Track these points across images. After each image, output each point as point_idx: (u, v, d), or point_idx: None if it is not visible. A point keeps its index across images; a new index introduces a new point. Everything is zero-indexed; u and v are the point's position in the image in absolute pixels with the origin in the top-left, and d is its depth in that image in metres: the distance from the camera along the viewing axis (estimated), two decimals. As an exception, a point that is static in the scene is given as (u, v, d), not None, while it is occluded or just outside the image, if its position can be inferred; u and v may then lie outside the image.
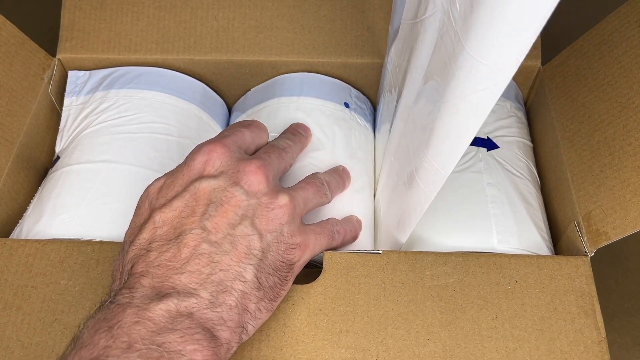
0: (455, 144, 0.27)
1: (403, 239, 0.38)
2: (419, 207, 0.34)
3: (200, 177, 0.33)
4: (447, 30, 0.26)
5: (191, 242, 0.31)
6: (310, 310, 0.35)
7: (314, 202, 0.38)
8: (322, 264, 0.37)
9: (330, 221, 0.39)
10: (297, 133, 0.43)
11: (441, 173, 0.30)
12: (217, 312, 0.30)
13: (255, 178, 0.34)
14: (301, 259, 0.35)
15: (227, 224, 0.32)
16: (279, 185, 0.36)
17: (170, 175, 0.35)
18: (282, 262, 0.33)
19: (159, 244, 0.32)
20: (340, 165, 0.44)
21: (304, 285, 0.36)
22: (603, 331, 0.34)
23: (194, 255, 0.31)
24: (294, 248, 0.34)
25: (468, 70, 0.24)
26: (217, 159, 0.34)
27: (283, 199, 0.34)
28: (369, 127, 0.50)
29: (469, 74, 0.24)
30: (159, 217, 0.33)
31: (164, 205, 0.33)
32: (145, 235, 0.32)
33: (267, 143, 0.40)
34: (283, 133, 0.43)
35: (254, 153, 0.38)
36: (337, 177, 0.42)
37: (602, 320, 0.35)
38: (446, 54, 0.27)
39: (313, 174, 0.40)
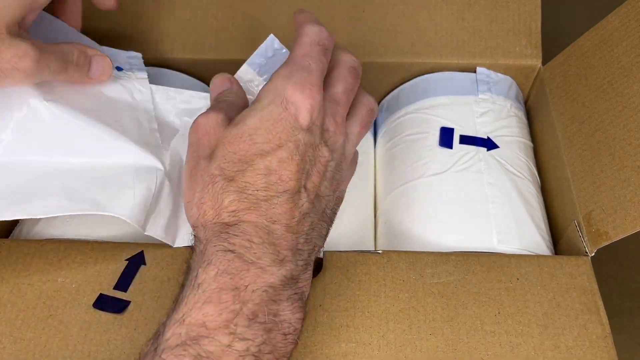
0: None
1: None
2: None
3: (302, 129, 0.31)
4: None
5: (300, 202, 0.31)
6: (310, 305, 0.35)
7: None
8: (322, 262, 0.37)
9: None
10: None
11: None
12: (307, 277, 0.31)
13: (340, 139, 0.33)
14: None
15: (318, 185, 0.32)
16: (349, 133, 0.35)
17: (262, 114, 0.31)
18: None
19: (270, 194, 0.30)
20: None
21: (304, 282, 0.36)
22: (608, 327, 0.34)
23: (303, 217, 0.31)
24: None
25: None
26: (316, 110, 0.31)
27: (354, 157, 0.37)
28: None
29: None
30: (263, 165, 0.30)
31: (268, 152, 0.30)
32: (250, 179, 0.30)
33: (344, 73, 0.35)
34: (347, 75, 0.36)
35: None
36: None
37: (606, 317, 0.34)
38: None
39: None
